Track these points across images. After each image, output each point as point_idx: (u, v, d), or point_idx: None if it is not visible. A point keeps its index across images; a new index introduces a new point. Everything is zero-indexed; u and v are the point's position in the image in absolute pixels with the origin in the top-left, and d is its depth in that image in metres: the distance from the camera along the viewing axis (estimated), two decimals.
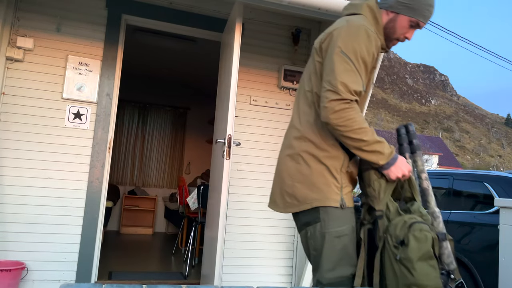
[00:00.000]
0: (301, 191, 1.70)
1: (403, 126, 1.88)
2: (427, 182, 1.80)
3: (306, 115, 1.76)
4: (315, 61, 1.74)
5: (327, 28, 1.76)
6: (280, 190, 1.77)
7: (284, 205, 1.76)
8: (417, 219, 1.58)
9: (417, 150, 1.84)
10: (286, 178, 1.75)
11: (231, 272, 3.61)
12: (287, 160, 1.77)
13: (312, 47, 1.77)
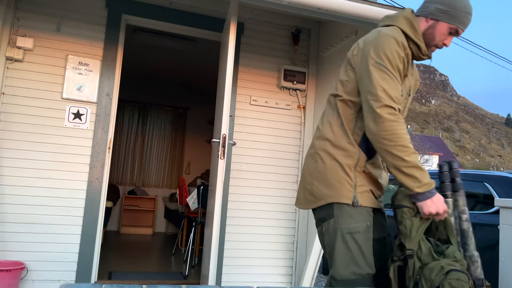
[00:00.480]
0: (318, 188, 1.76)
1: (447, 163, 1.83)
2: (467, 224, 1.73)
3: (328, 116, 1.84)
4: (347, 70, 1.80)
5: (359, 40, 1.82)
6: (303, 187, 1.85)
7: (305, 202, 1.83)
8: (455, 266, 1.52)
9: (460, 189, 1.77)
10: (306, 176, 1.83)
11: (231, 272, 3.61)
12: (308, 159, 1.86)
13: (346, 57, 1.84)
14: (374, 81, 1.63)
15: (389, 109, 1.60)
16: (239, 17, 3.79)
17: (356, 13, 2.82)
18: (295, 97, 3.93)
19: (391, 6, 2.94)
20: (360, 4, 2.82)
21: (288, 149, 3.87)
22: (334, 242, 1.71)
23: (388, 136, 1.59)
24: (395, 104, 1.61)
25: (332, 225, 1.72)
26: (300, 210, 3.81)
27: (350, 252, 1.67)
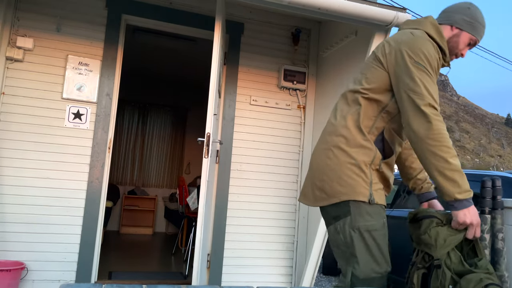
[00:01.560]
0: (330, 185, 1.72)
1: (490, 180, 1.82)
2: (502, 243, 1.72)
3: (343, 112, 1.80)
4: (374, 67, 1.77)
5: (388, 39, 1.80)
6: (311, 183, 1.80)
7: (315, 199, 1.79)
8: (494, 281, 1.51)
9: (500, 207, 1.76)
10: (316, 172, 1.79)
11: (231, 272, 3.61)
12: (319, 155, 1.81)
13: (372, 54, 1.81)
14: (418, 80, 1.61)
15: (433, 109, 1.59)
16: (239, 17, 3.79)
17: (356, 13, 2.82)
18: (295, 97, 3.93)
19: (391, 6, 2.94)
20: (360, 4, 2.82)
21: (288, 149, 3.87)
22: (352, 241, 1.68)
23: (435, 136, 1.55)
24: (437, 105, 1.61)
25: (348, 223, 1.68)
26: (300, 210, 3.81)
27: (370, 250, 1.66)
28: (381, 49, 1.78)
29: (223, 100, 3.72)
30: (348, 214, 1.69)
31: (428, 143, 1.56)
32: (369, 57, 1.83)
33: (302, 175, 3.85)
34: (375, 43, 3.03)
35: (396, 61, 1.69)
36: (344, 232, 1.70)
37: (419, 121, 1.58)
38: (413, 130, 1.60)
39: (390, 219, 5.21)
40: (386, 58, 1.73)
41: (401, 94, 1.65)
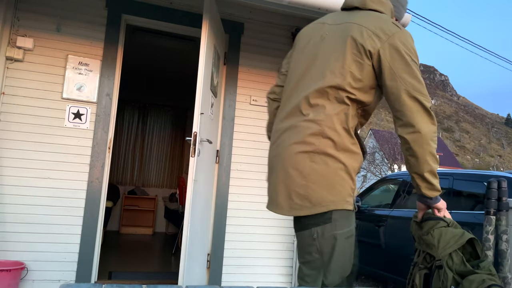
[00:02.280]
0: (317, 193, 1.55)
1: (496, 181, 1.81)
2: (506, 245, 1.71)
3: (325, 110, 1.61)
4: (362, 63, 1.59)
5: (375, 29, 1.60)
6: (287, 190, 1.60)
7: (290, 207, 1.60)
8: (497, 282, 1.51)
9: (504, 209, 1.76)
10: (298, 178, 1.58)
11: (231, 272, 3.61)
12: (300, 158, 1.59)
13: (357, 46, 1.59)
14: (421, 79, 1.56)
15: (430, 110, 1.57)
16: (239, 17, 3.79)
17: None
18: None
19: None
20: None
21: None
22: (332, 249, 1.56)
23: (434, 138, 1.54)
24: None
25: (328, 231, 1.56)
26: None
27: (345, 256, 1.59)
28: (369, 42, 1.58)
29: (223, 100, 3.72)
30: (328, 221, 1.56)
31: (430, 145, 1.54)
32: (350, 47, 1.60)
33: None
34: None
35: (392, 58, 1.56)
36: (322, 239, 1.57)
37: (427, 123, 1.53)
38: (420, 131, 1.53)
39: (390, 219, 5.21)
40: (378, 53, 1.57)
41: (401, 94, 1.54)
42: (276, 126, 1.75)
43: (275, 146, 1.71)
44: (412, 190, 5.21)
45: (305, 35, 1.81)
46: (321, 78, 1.64)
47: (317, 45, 1.71)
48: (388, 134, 37.84)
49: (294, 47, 1.85)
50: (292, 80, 1.76)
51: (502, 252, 1.71)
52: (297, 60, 1.78)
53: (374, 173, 32.67)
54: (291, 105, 1.70)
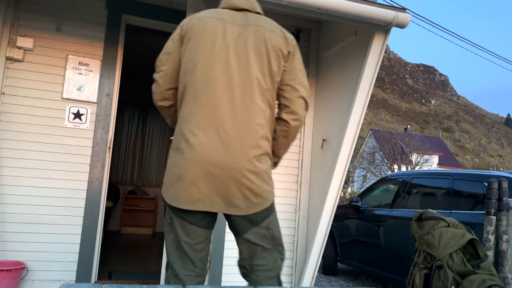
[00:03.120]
0: (265, 189, 1.78)
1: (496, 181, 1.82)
2: (507, 245, 1.73)
3: (265, 113, 1.80)
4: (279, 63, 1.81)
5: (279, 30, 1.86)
6: (242, 191, 1.73)
7: (248, 207, 1.74)
8: (497, 282, 1.52)
9: (505, 209, 1.76)
10: (254, 179, 1.74)
11: (231, 272, 3.61)
12: (255, 161, 1.75)
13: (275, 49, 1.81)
14: (305, 77, 1.88)
15: None
16: None
17: (356, 13, 2.82)
18: None
19: (391, 6, 2.94)
20: (360, 4, 2.82)
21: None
22: (279, 232, 1.92)
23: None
24: None
25: (273, 217, 1.88)
26: (300, 210, 3.81)
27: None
28: (284, 44, 1.82)
29: None
30: (272, 210, 1.86)
31: (298, 131, 1.91)
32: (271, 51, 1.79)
33: (302, 175, 3.85)
34: (375, 43, 3.03)
35: (296, 58, 1.86)
36: (272, 226, 1.86)
37: (304, 112, 1.87)
38: (300, 119, 1.86)
39: (390, 219, 5.21)
40: (289, 54, 1.84)
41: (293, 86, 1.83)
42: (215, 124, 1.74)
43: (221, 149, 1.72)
44: (412, 190, 5.21)
45: (205, 28, 1.80)
46: (259, 84, 1.79)
47: (238, 48, 1.79)
48: (388, 134, 37.84)
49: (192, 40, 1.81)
50: (209, 79, 1.76)
51: (503, 252, 1.71)
52: (207, 58, 1.78)
53: (374, 173, 32.67)
54: (225, 107, 1.75)
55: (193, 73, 1.78)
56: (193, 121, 1.75)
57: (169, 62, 1.85)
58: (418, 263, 1.75)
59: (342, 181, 3.23)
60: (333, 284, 5.70)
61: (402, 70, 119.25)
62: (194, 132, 1.74)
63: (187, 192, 1.72)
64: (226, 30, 1.81)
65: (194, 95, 1.77)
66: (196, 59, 1.79)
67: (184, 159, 1.73)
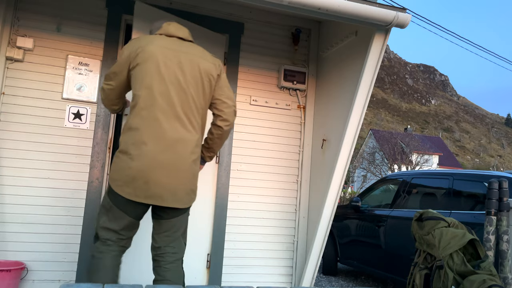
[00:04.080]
0: (196, 186, 2.39)
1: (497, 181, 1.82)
2: (507, 245, 1.73)
3: (200, 125, 2.37)
4: (211, 85, 2.38)
5: (213, 59, 2.43)
6: (186, 189, 2.29)
7: (189, 201, 2.34)
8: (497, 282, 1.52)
9: (505, 209, 1.77)
10: (193, 179, 2.32)
11: (231, 272, 3.61)
12: (193, 164, 2.31)
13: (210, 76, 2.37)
14: (231, 88, 2.49)
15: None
16: (239, 17, 3.79)
17: (356, 13, 2.82)
18: (295, 97, 3.93)
19: (391, 6, 2.94)
20: (360, 4, 2.82)
21: (288, 149, 3.87)
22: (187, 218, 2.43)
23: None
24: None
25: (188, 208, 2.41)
26: (300, 210, 3.81)
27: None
28: (214, 70, 2.38)
29: None
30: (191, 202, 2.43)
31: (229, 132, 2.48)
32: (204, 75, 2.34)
33: (302, 175, 3.86)
34: (375, 43, 3.03)
35: (222, 78, 2.45)
36: (187, 215, 2.42)
37: (234, 117, 2.46)
38: (231, 125, 2.44)
39: (390, 219, 5.21)
40: (218, 76, 2.42)
41: (221, 99, 2.41)
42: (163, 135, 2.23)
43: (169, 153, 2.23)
44: (412, 190, 5.21)
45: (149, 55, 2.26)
46: (194, 101, 2.32)
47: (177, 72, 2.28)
48: (388, 134, 37.85)
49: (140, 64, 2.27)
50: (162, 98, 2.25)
51: (503, 253, 1.71)
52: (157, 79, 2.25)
53: (374, 173, 32.67)
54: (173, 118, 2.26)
55: (139, 94, 2.25)
56: (140, 132, 2.22)
57: (116, 80, 2.36)
58: (418, 263, 1.75)
59: (342, 181, 3.23)
60: (333, 284, 5.70)
61: (402, 70, 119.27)
62: (143, 142, 2.21)
63: (142, 189, 2.20)
64: (167, 58, 2.27)
65: (141, 112, 2.24)
66: (142, 83, 2.25)
67: (134, 163, 2.19)
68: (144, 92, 2.23)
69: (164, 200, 2.22)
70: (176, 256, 2.32)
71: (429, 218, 1.72)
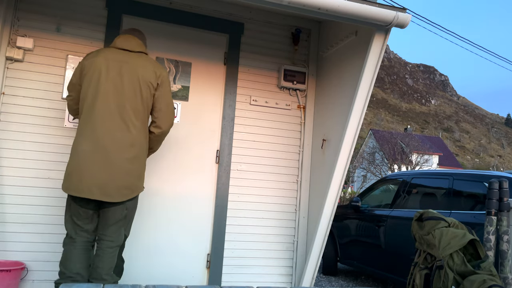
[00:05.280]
0: (134, 184, 2.63)
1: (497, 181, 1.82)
2: (507, 245, 1.73)
3: (137, 126, 2.62)
4: (150, 91, 2.67)
5: (156, 68, 2.72)
6: (117, 185, 2.53)
7: (120, 196, 2.56)
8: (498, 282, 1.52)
9: (506, 209, 1.77)
10: (125, 176, 2.56)
11: (231, 272, 3.61)
12: (125, 162, 2.56)
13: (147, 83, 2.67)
14: (171, 98, 2.80)
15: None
16: (239, 17, 3.79)
17: (356, 13, 2.82)
18: (295, 97, 3.93)
19: (391, 6, 2.94)
20: (360, 4, 2.82)
21: (288, 149, 3.87)
22: (132, 212, 2.74)
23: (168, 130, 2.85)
24: None
25: (133, 204, 2.72)
26: (300, 210, 3.81)
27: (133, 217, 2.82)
28: (153, 78, 2.67)
29: (223, 100, 3.72)
30: (136, 197, 2.73)
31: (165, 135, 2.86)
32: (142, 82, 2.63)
33: (302, 175, 3.86)
34: (375, 43, 3.03)
35: (163, 87, 2.74)
36: (129, 209, 2.68)
37: (170, 123, 2.80)
38: (167, 127, 2.79)
39: (390, 219, 5.21)
40: (158, 85, 2.70)
41: (161, 106, 2.73)
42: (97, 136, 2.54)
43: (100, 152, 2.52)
44: (412, 190, 5.21)
45: (96, 68, 2.61)
46: (131, 105, 2.60)
47: (116, 79, 2.60)
48: (388, 134, 37.85)
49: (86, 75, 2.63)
50: (99, 103, 2.57)
51: (503, 253, 1.71)
52: (96, 88, 2.59)
53: (374, 173, 32.67)
54: (109, 120, 2.56)
55: (85, 100, 2.60)
56: (84, 134, 2.55)
57: (74, 90, 2.70)
58: (418, 263, 1.75)
59: (342, 181, 3.23)
60: (333, 284, 5.70)
61: (402, 70, 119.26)
62: (79, 143, 2.54)
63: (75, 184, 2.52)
64: (109, 67, 2.61)
65: (85, 117, 2.59)
66: (88, 91, 2.60)
67: (72, 162, 2.55)
68: (87, 99, 2.59)
69: (93, 194, 2.49)
70: (110, 244, 2.62)
71: (429, 218, 1.72)
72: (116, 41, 2.73)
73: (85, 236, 2.65)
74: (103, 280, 2.56)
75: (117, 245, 2.65)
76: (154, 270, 3.43)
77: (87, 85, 2.61)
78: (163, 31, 3.61)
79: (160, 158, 3.52)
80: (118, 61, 2.63)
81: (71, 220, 2.64)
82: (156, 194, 3.48)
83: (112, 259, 2.62)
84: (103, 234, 2.64)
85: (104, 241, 2.63)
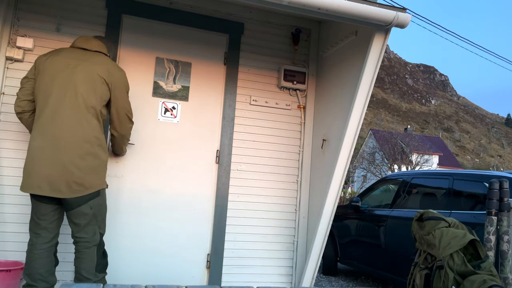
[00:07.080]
0: (88, 180, 2.59)
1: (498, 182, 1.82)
2: (507, 245, 1.73)
3: (93, 123, 2.63)
4: (105, 88, 2.70)
5: (109, 65, 2.74)
6: (67, 180, 2.51)
7: (71, 192, 2.53)
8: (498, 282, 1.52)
9: (506, 209, 1.77)
10: (76, 172, 2.53)
11: (231, 272, 3.61)
12: (76, 158, 2.54)
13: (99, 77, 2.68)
14: (129, 102, 2.86)
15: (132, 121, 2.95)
16: (239, 17, 3.78)
17: (356, 13, 2.82)
18: (295, 97, 3.93)
19: (391, 6, 2.94)
20: (360, 4, 2.82)
21: (288, 149, 3.87)
22: (99, 210, 2.72)
23: (128, 135, 3.02)
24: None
25: (98, 201, 2.69)
26: (300, 210, 3.81)
27: (105, 212, 2.84)
28: (106, 75, 2.69)
29: (223, 100, 3.72)
30: (97, 195, 2.68)
31: (126, 139, 3.04)
32: (97, 80, 2.65)
33: (302, 175, 3.86)
34: (375, 43, 3.03)
35: (120, 87, 2.77)
36: (95, 206, 2.67)
37: (128, 126, 2.92)
38: (126, 130, 2.93)
39: (390, 219, 5.21)
40: (112, 84, 2.72)
41: (117, 109, 2.80)
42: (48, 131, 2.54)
43: (51, 148, 2.51)
44: (412, 190, 5.21)
45: (51, 65, 2.64)
46: (84, 101, 2.61)
47: (70, 75, 2.62)
48: (388, 134, 37.84)
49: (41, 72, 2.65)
50: (52, 98, 2.58)
51: (503, 253, 1.71)
52: (51, 84, 2.61)
53: (374, 173, 32.67)
54: (62, 116, 2.56)
55: (39, 97, 2.62)
56: (38, 130, 2.56)
57: (27, 84, 2.71)
58: (418, 263, 1.75)
59: (342, 181, 3.23)
60: (333, 284, 5.70)
61: (402, 70, 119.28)
62: (33, 139, 2.56)
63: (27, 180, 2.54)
64: (65, 64, 2.64)
65: (39, 113, 2.60)
66: (42, 88, 2.62)
67: (26, 159, 2.56)
68: (40, 97, 2.61)
69: (42, 190, 2.49)
70: (87, 245, 2.66)
71: (429, 218, 1.72)
72: (75, 41, 2.79)
73: (47, 237, 2.65)
74: (87, 280, 2.61)
75: (94, 244, 2.68)
76: (154, 270, 3.43)
77: (40, 83, 2.64)
78: (163, 31, 3.61)
79: (160, 158, 3.52)
80: (75, 59, 2.67)
81: (32, 219, 2.66)
82: (156, 194, 3.48)
83: (91, 258, 2.65)
84: (77, 236, 2.66)
85: (80, 242, 2.66)
